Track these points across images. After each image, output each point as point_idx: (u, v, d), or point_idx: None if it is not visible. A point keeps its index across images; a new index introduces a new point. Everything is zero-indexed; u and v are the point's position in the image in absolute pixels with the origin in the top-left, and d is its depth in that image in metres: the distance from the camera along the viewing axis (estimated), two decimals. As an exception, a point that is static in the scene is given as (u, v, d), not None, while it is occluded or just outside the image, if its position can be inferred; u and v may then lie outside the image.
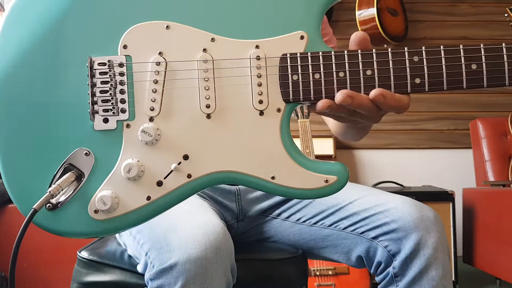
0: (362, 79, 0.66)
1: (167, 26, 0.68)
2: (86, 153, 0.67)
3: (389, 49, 0.66)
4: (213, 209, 1.02)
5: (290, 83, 0.67)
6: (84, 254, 1.08)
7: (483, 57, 0.66)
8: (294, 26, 0.68)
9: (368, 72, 0.66)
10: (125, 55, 0.68)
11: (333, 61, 0.66)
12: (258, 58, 0.67)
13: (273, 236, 1.12)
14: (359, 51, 0.67)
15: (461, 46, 0.66)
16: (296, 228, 1.08)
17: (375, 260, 0.95)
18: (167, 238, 0.82)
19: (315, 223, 1.05)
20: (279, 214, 1.11)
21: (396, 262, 0.92)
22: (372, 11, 3.00)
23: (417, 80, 0.66)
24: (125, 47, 0.68)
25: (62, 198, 0.66)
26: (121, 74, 0.67)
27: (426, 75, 0.66)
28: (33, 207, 0.62)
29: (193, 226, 0.84)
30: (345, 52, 0.66)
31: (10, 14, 0.68)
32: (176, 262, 0.78)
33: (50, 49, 0.68)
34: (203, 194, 1.07)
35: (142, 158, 0.67)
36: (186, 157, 0.67)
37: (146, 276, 0.83)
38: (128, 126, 0.67)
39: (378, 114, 0.68)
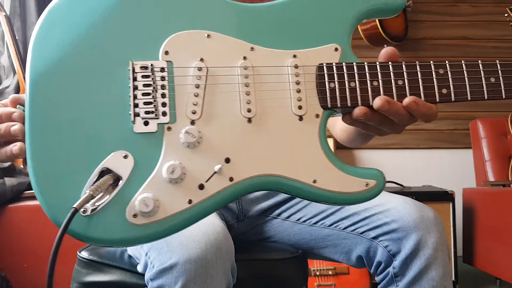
0: (394, 88, 0.70)
1: (208, 35, 0.70)
2: (125, 156, 0.64)
3: (417, 62, 0.71)
4: (213, 209, 1.02)
5: (328, 90, 0.70)
6: (84, 254, 1.08)
7: (499, 71, 0.72)
8: (329, 39, 0.72)
9: (400, 82, 0.70)
10: (166, 61, 0.68)
11: (367, 71, 0.70)
12: (296, 66, 0.70)
13: (273, 236, 1.12)
14: (390, 63, 0.71)
15: (479, 62, 0.72)
16: (296, 228, 1.08)
17: (375, 260, 0.95)
18: (167, 238, 0.82)
19: (315, 223, 1.05)
20: (279, 214, 1.11)
21: (396, 262, 0.92)
22: (372, 11, 3.00)
23: (444, 91, 0.71)
24: (166, 53, 0.68)
25: (98, 203, 0.63)
26: (163, 78, 0.67)
27: (451, 86, 0.71)
28: (74, 206, 0.59)
29: (193, 226, 0.84)
30: (377, 63, 0.71)
31: (47, 17, 0.68)
32: (176, 262, 0.78)
33: (90, 52, 0.67)
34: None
35: (183, 161, 0.65)
36: (227, 160, 0.66)
37: (146, 276, 0.83)
38: (169, 129, 0.66)
39: (406, 123, 0.71)
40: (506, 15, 2.79)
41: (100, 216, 0.63)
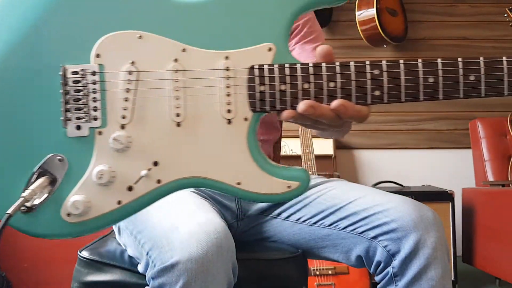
0: (325, 90, 0.69)
1: (139, 36, 0.70)
2: (60, 158, 0.68)
3: (352, 62, 0.69)
4: (214, 208, 1.02)
5: (258, 94, 0.69)
6: (84, 253, 1.08)
7: (440, 71, 0.69)
8: (263, 38, 0.70)
9: (331, 84, 0.69)
10: (98, 64, 0.69)
11: (299, 73, 0.69)
12: (227, 69, 0.70)
13: (273, 236, 1.13)
14: (323, 64, 0.69)
15: (419, 61, 0.69)
16: (296, 228, 1.08)
17: (375, 259, 0.95)
18: (169, 237, 0.83)
19: (315, 222, 1.05)
20: (278, 214, 1.11)
21: (396, 262, 0.92)
22: (372, 12, 3.00)
23: (377, 93, 0.69)
24: (98, 56, 0.69)
25: (37, 202, 0.68)
26: (94, 82, 0.69)
27: (385, 87, 0.69)
28: (7, 212, 0.63)
29: (195, 225, 0.84)
30: (310, 64, 0.69)
31: None
32: (177, 261, 0.78)
33: (23, 57, 0.69)
34: (203, 194, 1.08)
35: (113, 164, 0.69)
36: (156, 164, 0.69)
37: (148, 275, 0.83)
38: (100, 133, 0.69)
39: (337, 123, 0.71)
40: (505, 15, 2.80)
41: (40, 214, 0.68)
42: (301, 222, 1.07)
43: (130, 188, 0.69)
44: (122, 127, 0.69)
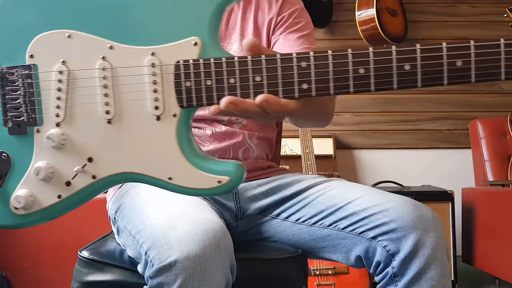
0: (251, 85, 0.68)
1: (68, 35, 0.72)
2: (5, 155, 0.73)
3: (278, 55, 0.67)
4: (213, 208, 1.03)
5: (184, 90, 0.69)
6: (84, 253, 1.08)
7: (371, 61, 0.65)
8: (188, 32, 0.70)
9: (257, 78, 0.67)
10: (32, 64, 0.72)
11: (224, 67, 0.68)
12: (153, 65, 0.70)
13: (273, 236, 1.13)
14: (249, 57, 0.67)
15: (349, 51, 0.66)
16: (296, 228, 1.08)
17: (374, 260, 0.96)
18: (167, 237, 0.83)
19: (315, 223, 1.05)
20: (278, 214, 1.11)
21: (395, 262, 0.92)
22: (372, 12, 3.00)
23: (304, 86, 0.67)
24: (31, 56, 0.72)
25: None
26: (29, 82, 0.72)
27: (313, 80, 0.67)
28: None
29: (192, 224, 0.84)
30: (236, 58, 0.68)
31: None
32: (175, 260, 0.78)
33: None
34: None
35: (52, 160, 0.73)
36: (90, 160, 0.73)
37: (146, 274, 0.83)
38: (38, 131, 0.73)
39: (265, 118, 0.69)
40: (505, 15, 2.80)
41: None
42: (300, 222, 1.07)
43: (68, 183, 0.73)
44: (57, 125, 0.73)
